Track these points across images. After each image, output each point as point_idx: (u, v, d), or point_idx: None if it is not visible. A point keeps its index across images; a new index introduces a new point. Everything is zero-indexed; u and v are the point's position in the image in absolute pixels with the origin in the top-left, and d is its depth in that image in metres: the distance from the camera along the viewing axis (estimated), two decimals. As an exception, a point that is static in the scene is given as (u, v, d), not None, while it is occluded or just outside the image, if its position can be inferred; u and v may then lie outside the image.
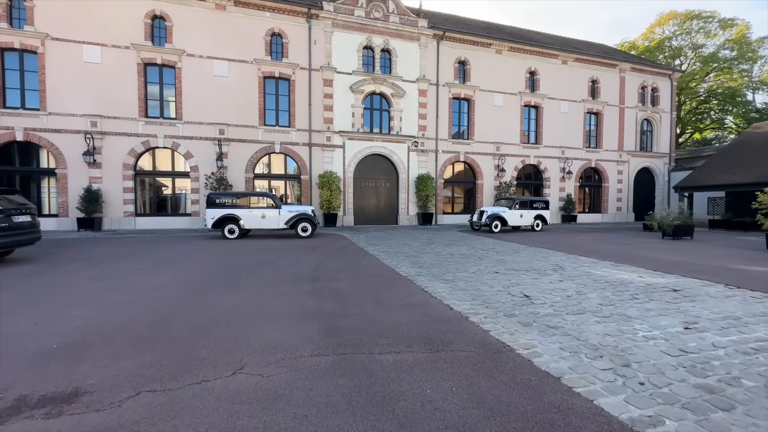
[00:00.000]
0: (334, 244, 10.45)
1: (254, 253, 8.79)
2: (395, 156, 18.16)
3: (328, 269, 6.81)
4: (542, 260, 8.00)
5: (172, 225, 15.32)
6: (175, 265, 7.08)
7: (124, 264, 7.17)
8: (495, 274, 6.45)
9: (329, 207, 16.31)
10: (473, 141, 19.56)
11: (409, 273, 6.51)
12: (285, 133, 16.52)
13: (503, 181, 19.94)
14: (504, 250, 9.53)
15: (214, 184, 15.05)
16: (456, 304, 4.58)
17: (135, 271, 6.47)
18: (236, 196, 11.78)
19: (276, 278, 6.01)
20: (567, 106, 21.43)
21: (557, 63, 21.11)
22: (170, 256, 8.26)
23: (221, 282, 5.72)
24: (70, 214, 14.06)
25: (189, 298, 4.76)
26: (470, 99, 19.45)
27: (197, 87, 15.31)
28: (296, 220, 11.90)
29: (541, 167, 21.11)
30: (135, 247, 9.70)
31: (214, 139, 15.50)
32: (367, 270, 6.78)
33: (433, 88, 18.68)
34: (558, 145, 21.31)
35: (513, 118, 20.32)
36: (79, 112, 14.06)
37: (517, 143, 20.45)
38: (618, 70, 22.54)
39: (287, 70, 16.37)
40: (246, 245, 10.22)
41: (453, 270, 6.82)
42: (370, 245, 10.32)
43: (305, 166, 16.82)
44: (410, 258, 8.16)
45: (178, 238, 12.03)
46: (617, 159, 22.82)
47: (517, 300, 4.82)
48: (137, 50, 14.57)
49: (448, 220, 19.42)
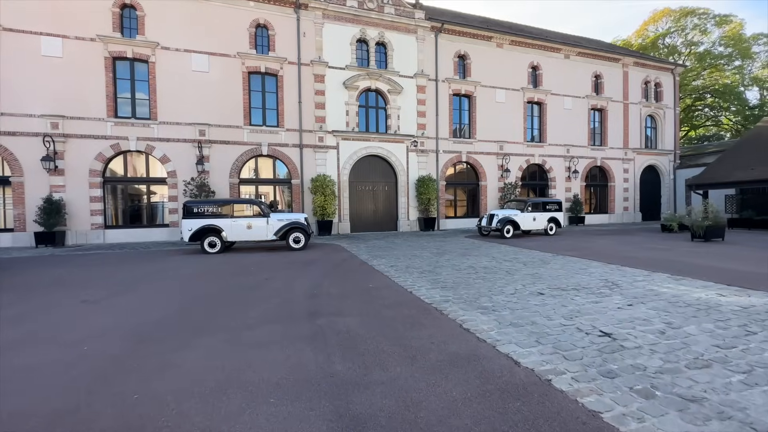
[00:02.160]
0: (332, 258, 9.02)
1: (237, 273, 7.31)
2: (393, 157, 16.82)
3: (330, 295, 5.39)
4: (583, 273, 6.70)
5: (147, 237, 13.67)
6: (133, 294, 5.57)
7: (67, 294, 5.63)
8: (540, 297, 5.11)
9: (323, 214, 14.86)
10: (475, 140, 18.34)
11: (433, 298, 5.13)
12: (273, 133, 15.05)
13: (508, 182, 18.75)
14: (530, 261, 8.22)
15: (194, 191, 13.47)
16: (520, 354, 3.21)
17: (75, 307, 4.95)
18: (217, 204, 10.28)
19: (262, 313, 4.56)
20: (571, 102, 20.41)
21: (560, 57, 20.11)
22: (132, 279, 6.73)
23: (187, 321, 4.26)
24: (27, 228, 12.32)
25: (132, 358, 3.29)
26: (471, 95, 18.26)
27: (174, 83, 13.76)
28: (287, 230, 10.43)
29: (546, 167, 20.01)
30: (94, 268, 8.12)
31: (193, 141, 13.93)
32: (380, 295, 5.37)
33: (432, 83, 17.44)
34: (563, 144, 20.24)
35: (516, 115, 19.18)
36: (37, 112, 12.37)
37: (521, 142, 19.31)
38: (621, 64, 21.66)
39: (274, 64, 14.94)
40: (228, 262, 8.71)
41: (485, 292, 5.46)
42: (374, 258, 8.92)
43: (296, 170, 15.35)
44: (426, 275, 6.78)
45: (150, 253, 10.45)
46: (623, 157, 21.87)
47: (598, 342, 3.48)
48: (104, 43, 12.98)
49: (451, 224, 18.13)
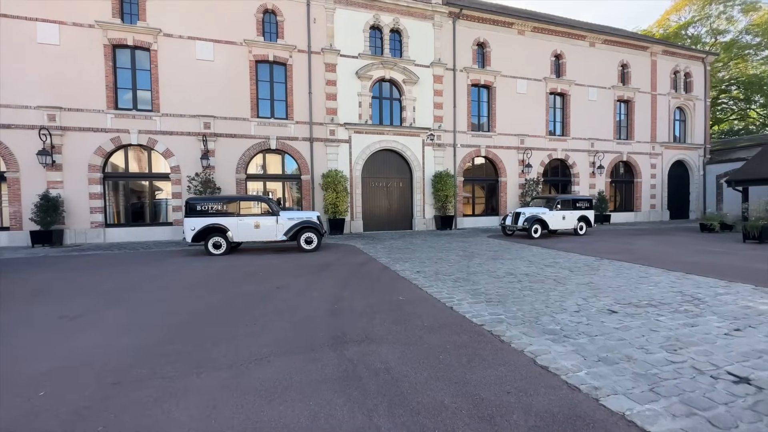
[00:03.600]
0: (349, 261, 8.11)
1: (243, 279, 6.44)
2: (408, 151, 15.84)
3: (354, 311, 4.47)
4: (647, 283, 5.70)
5: (150, 236, 12.92)
6: (121, 308, 4.72)
7: (45, 307, 4.80)
8: (615, 317, 4.14)
9: (335, 211, 13.97)
10: (495, 133, 17.27)
11: (482, 317, 4.19)
12: (282, 126, 14.16)
13: (529, 177, 17.66)
14: (575, 266, 7.22)
15: (199, 187, 12.66)
16: (642, 417, 2.25)
17: (49, 325, 4.10)
18: (223, 202, 9.42)
19: (274, 337, 3.67)
20: (596, 93, 19.19)
21: (584, 45, 18.89)
22: (125, 286, 5.89)
23: (179, 349, 3.38)
24: (24, 227, 11.63)
25: (97, 415, 2.41)
26: (491, 86, 17.17)
27: (177, 73, 12.93)
28: (298, 230, 9.54)
29: (570, 162, 18.85)
30: (86, 271, 7.32)
31: (198, 134, 13.11)
32: (415, 312, 4.44)
33: (449, 73, 16.40)
34: (587, 137, 19.05)
35: (538, 106, 18.05)
36: (33, 103, 11.64)
37: (543, 135, 18.19)
38: (649, 53, 20.34)
39: (283, 53, 14.03)
40: (234, 265, 7.86)
41: (542, 308, 4.50)
42: (396, 261, 7.99)
43: (306, 165, 14.46)
44: (462, 284, 5.84)
45: (150, 254, 9.65)
46: (650, 152, 20.60)
47: (739, 392, 2.51)
48: (103, 29, 12.18)
49: (468, 223, 17.12)
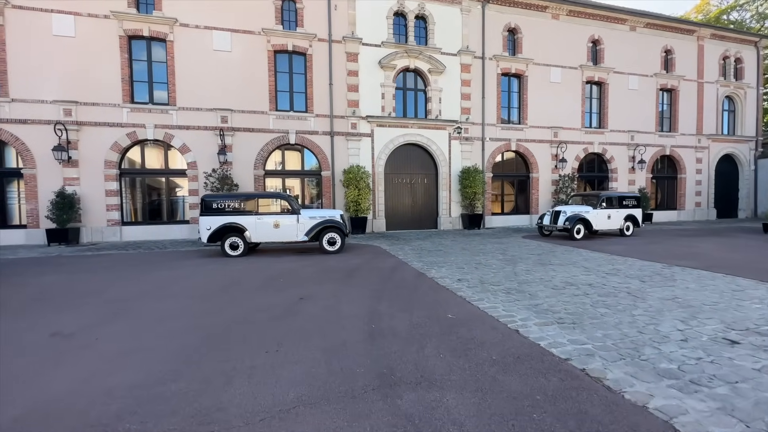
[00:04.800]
0: (378, 265, 7.30)
1: (261, 287, 5.71)
2: (434, 145, 14.90)
3: (398, 335, 3.64)
4: (748, 299, 4.64)
5: (166, 235, 12.47)
6: (124, 324, 4.04)
7: (39, 319, 4.17)
8: (740, 350, 3.17)
9: (357, 209, 13.20)
10: (526, 126, 16.11)
11: (564, 347, 3.28)
12: (301, 119, 13.46)
13: (563, 173, 16.44)
14: (641, 274, 6.18)
15: (216, 184, 12.12)
16: None
17: (35, 346, 3.44)
18: (240, 199, 8.77)
19: (302, 373, 2.87)
20: (636, 82, 17.72)
21: (624, 29, 17.42)
22: (131, 294, 5.26)
23: (185, 390, 2.62)
24: (41, 225, 11.34)
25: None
26: (522, 75, 16.01)
27: (194, 65, 12.39)
28: (320, 230, 8.79)
29: (607, 156, 17.49)
30: (95, 274, 6.77)
31: (215, 129, 12.56)
32: (473, 337, 3.58)
33: (477, 62, 15.33)
34: (626, 129, 17.63)
35: (573, 96, 16.76)
36: (49, 98, 11.31)
37: (579, 127, 16.89)
38: (696, 37, 18.66)
39: (303, 42, 13.30)
40: (251, 269, 7.17)
41: (633, 333, 3.55)
42: (430, 266, 7.13)
43: (326, 160, 13.73)
44: (516, 296, 4.93)
45: (165, 255, 9.11)
46: (695, 145, 18.96)
47: None
48: (119, 20, 11.73)
49: (497, 222, 16.05)
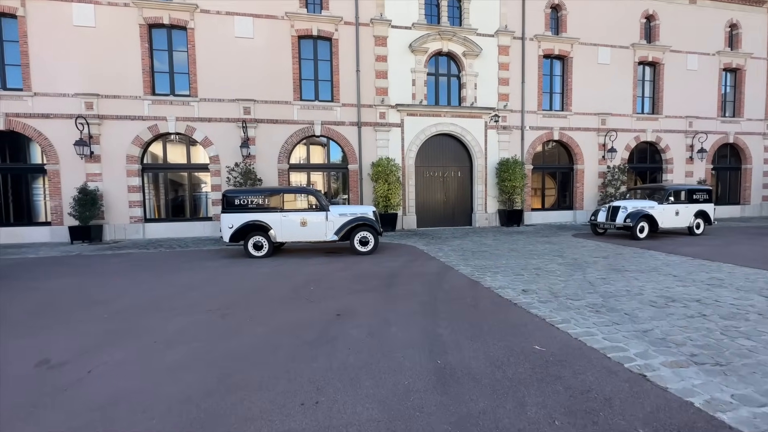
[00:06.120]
0: (420, 270, 6.35)
1: (290, 298, 4.88)
2: (468, 135, 13.73)
3: (478, 380, 2.66)
4: None
5: (189, 232, 11.99)
6: (124, 350, 3.27)
7: (31, 341, 3.47)
8: None
9: (386, 205, 12.29)
10: (570, 113, 14.65)
11: (735, 409, 2.21)
12: (327, 109, 12.63)
13: (612, 164, 14.89)
14: (754, 286, 4.94)
15: (239, 179, 11.49)
16: None
17: (13, 383, 2.70)
18: (264, 194, 8.02)
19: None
20: (696, 61, 15.83)
21: (683, 3, 15.54)
22: (140, 307, 4.54)
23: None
24: (64, 222, 11.07)
25: None
26: (566, 56, 14.53)
27: (215, 53, 11.75)
28: (351, 228, 7.93)
29: (661, 145, 15.75)
30: (108, 279, 6.17)
31: (237, 120, 11.91)
32: (588, 387, 2.56)
33: (517, 43, 13.98)
34: (684, 115, 15.81)
35: (623, 79, 15.11)
36: (71, 91, 10.95)
37: (629, 114, 15.25)
38: (766, 9, 16.50)
39: (328, 26, 12.42)
40: (277, 273, 6.39)
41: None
42: (481, 271, 6.11)
43: (353, 152, 12.86)
44: (609, 316, 3.85)
45: (185, 255, 8.50)
46: (764, 131, 16.87)
47: None
48: (138, 7, 11.21)
49: (537, 218, 14.73)
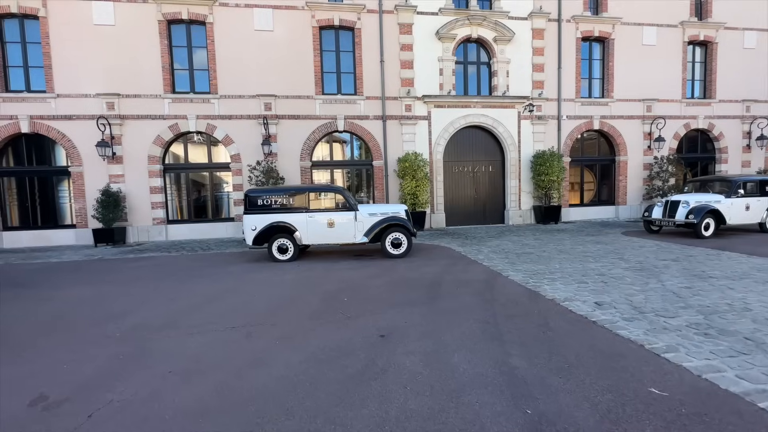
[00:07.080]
0: (463, 276, 5.62)
1: (321, 311, 4.26)
2: (500, 127, 12.82)
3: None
4: None
5: (211, 233, 11.67)
6: (133, 381, 2.72)
7: (27, 369, 2.98)
8: None
9: (414, 203, 11.59)
10: (612, 100, 13.47)
11: None
12: (350, 103, 12.02)
13: (660, 155, 13.63)
14: None
15: (261, 178, 11.05)
16: None
17: (14, 420, 2.19)
18: (288, 194, 7.47)
19: None
20: (754, 39, 14.28)
21: (739, -26, 14.06)
22: (154, 323, 4.02)
23: None
24: (89, 224, 10.93)
25: None
26: (607, 38, 13.35)
27: (235, 48, 11.32)
28: (382, 229, 7.28)
29: (714, 133, 14.33)
30: (124, 287, 5.75)
31: (258, 117, 11.46)
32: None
33: (552, 25, 12.93)
34: (740, 99, 14.32)
35: (671, 62, 13.78)
36: (92, 91, 10.77)
37: (678, 99, 13.92)
38: (835, -23, 14.71)
39: (350, 14, 11.78)
40: (305, 279, 5.81)
41: None
42: (534, 278, 5.33)
43: (378, 148, 12.20)
44: (732, 343, 3.04)
45: (207, 258, 8.08)
46: (833, 114, 15.11)
47: None
48: (157, 3, 10.90)
49: (575, 214, 13.66)
